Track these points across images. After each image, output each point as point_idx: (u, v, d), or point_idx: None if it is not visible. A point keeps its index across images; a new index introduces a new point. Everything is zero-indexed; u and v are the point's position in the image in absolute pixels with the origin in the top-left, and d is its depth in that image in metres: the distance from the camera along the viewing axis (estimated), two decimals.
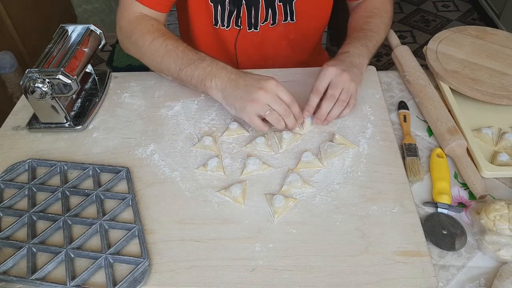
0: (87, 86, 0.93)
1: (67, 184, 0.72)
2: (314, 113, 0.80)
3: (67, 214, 0.68)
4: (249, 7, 0.94)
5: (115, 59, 2.32)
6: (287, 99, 0.76)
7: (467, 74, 0.87)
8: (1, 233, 0.66)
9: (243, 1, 0.93)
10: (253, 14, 0.95)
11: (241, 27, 0.97)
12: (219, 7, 0.94)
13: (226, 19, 0.96)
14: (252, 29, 0.98)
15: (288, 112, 0.76)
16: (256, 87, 0.74)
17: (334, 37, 2.49)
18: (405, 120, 0.83)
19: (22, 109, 0.90)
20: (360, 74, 0.82)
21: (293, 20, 0.98)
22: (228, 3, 0.93)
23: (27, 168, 0.76)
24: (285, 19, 0.97)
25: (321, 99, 0.79)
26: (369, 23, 0.91)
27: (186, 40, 1.07)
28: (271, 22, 0.97)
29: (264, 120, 0.76)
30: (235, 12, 0.95)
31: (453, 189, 0.72)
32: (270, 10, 0.95)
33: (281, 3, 0.94)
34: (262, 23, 0.98)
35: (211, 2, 0.93)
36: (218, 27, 0.98)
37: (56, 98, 0.80)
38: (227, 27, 0.98)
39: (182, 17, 1.06)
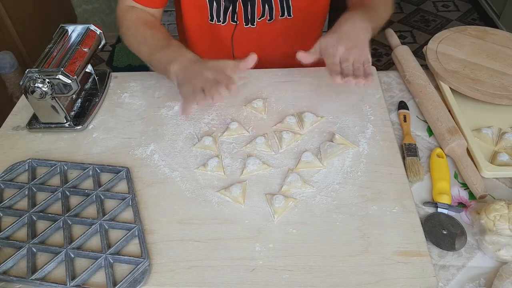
0: (87, 86, 0.93)
1: (67, 184, 0.72)
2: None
3: (67, 214, 0.68)
4: (245, 2, 0.94)
5: (115, 59, 2.32)
6: (216, 74, 0.73)
7: (467, 74, 0.87)
8: (1, 233, 0.66)
9: None
10: (249, 9, 0.95)
11: (238, 22, 0.97)
12: (214, 3, 0.94)
13: (222, 14, 0.96)
14: (249, 24, 0.98)
15: (211, 83, 0.72)
16: (198, 73, 0.74)
17: None
18: (405, 120, 0.83)
19: (22, 109, 0.90)
20: (366, 33, 0.78)
21: (290, 16, 0.98)
22: None
23: (27, 168, 0.76)
24: (282, 15, 0.97)
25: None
26: (370, 1, 0.89)
27: (183, 37, 1.07)
28: (268, 17, 0.97)
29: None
30: (231, 7, 0.95)
31: (453, 189, 0.72)
32: (266, 5, 0.95)
33: None
34: (259, 19, 0.97)
35: None
36: (214, 22, 0.98)
37: (56, 98, 0.80)
38: (223, 23, 0.98)
39: (178, 15, 1.06)
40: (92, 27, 0.89)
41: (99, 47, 0.90)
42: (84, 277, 0.61)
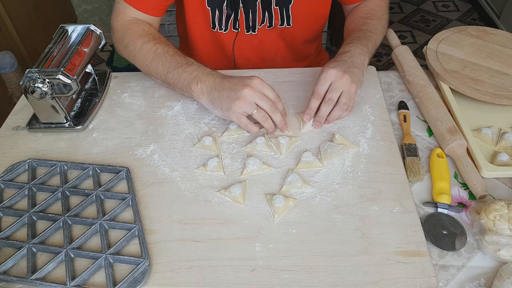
0: (87, 86, 0.93)
1: (67, 184, 0.72)
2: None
3: (67, 214, 0.68)
4: (247, 10, 0.94)
5: (115, 59, 2.32)
6: (272, 96, 0.76)
7: (467, 74, 0.87)
8: (1, 233, 0.66)
9: (241, 4, 0.93)
10: (250, 17, 0.95)
11: (239, 30, 0.97)
12: (216, 11, 0.94)
13: (224, 22, 0.96)
14: (250, 31, 0.98)
15: (274, 109, 0.76)
16: (241, 85, 0.74)
17: (334, 37, 2.49)
18: (405, 120, 0.83)
19: (22, 109, 0.90)
20: (361, 74, 0.81)
21: (290, 25, 0.98)
22: (226, 6, 0.93)
23: (27, 168, 0.76)
24: (282, 24, 0.97)
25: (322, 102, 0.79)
26: (367, 24, 0.92)
27: (185, 43, 1.07)
28: (268, 24, 0.97)
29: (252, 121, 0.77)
30: (233, 15, 0.95)
31: (453, 189, 0.72)
32: (266, 13, 0.95)
33: (277, 7, 0.94)
34: (259, 26, 0.97)
35: (208, 6, 0.93)
36: (216, 30, 0.98)
37: (56, 98, 0.80)
38: (225, 30, 0.98)
39: (180, 20, 1.06)
40: (92, 27, 0.89)
41: (99, 47, 0.90)
42: (84, 277, 0.61)
